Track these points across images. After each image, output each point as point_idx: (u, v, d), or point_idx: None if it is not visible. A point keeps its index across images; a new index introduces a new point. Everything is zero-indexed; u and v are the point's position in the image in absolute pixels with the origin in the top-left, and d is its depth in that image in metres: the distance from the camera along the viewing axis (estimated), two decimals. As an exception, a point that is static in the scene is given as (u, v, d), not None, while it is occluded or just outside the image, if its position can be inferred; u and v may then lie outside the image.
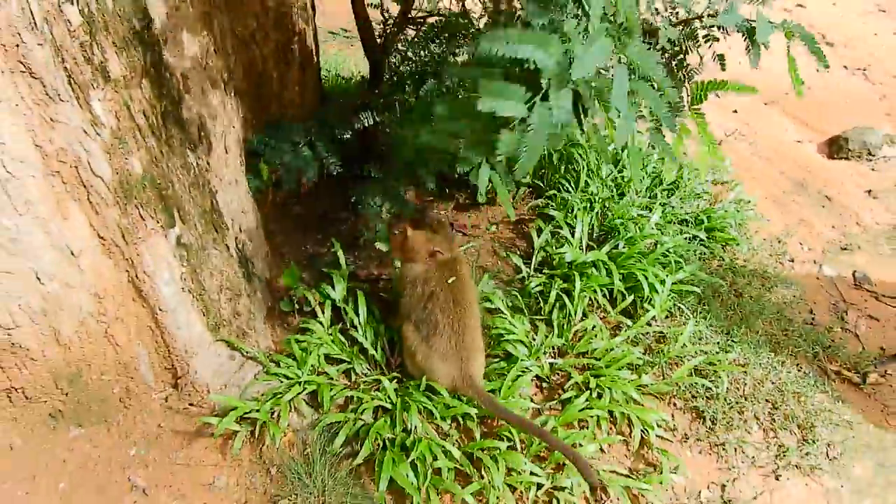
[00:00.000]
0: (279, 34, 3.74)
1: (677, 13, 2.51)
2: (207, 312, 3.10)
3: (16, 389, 2.87)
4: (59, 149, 2.51)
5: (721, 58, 2.64)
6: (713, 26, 2.47)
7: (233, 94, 3.41)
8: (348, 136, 4.09)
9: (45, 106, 2.43)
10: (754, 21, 2.30)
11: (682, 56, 2.66)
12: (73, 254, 2.70)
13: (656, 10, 2.48)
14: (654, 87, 2.26)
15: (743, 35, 2.38)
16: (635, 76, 2.19)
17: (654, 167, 5.02)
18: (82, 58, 2.47)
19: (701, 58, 2.74)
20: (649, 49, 2.15)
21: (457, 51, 4.08)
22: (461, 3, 4.29)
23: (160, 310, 2.94)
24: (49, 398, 2.95)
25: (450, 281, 3.23)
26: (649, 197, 4.73)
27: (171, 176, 2.88)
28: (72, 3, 2.39)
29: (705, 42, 2.56)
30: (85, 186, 2.62)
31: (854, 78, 7.52)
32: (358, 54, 6.28)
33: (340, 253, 3.70)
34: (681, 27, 2.52)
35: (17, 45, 2.31)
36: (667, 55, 2.64)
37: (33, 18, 2.30)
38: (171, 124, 2.91)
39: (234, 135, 3.44)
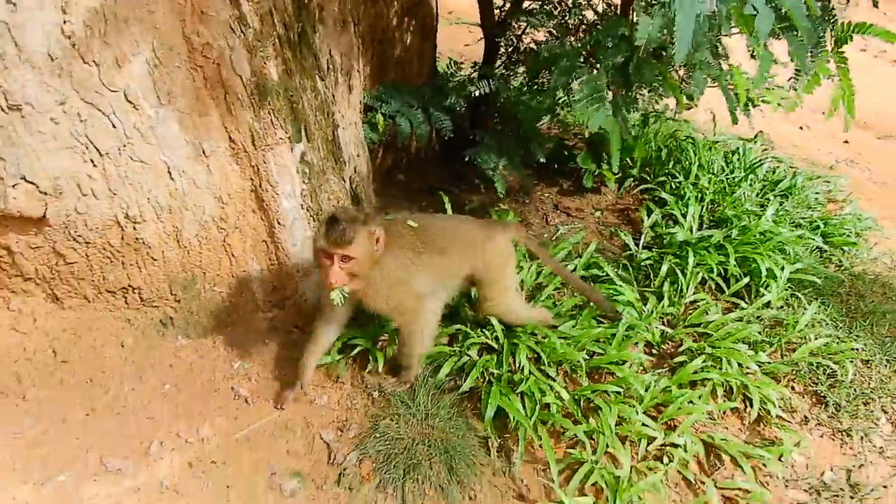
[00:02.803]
0: (405, -1, 3.85)
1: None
2: (322, 235, 3.10)
3: (133, 289, 2.91)
4: (205, 43, 2.60)
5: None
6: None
7: (360, 40, 3.50)
8: (462, 105, 4.14)
9: (197, -3, 2.53)
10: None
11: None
12: (204, 153, 2.76)
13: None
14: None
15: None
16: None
17: (764, 174, 4.87)
18: (236, -45, 2.58)
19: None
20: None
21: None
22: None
23: (278, 223, 2.95)
24: (162, 303, 2.98)
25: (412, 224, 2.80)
26: (761, 198, 4.56)
27: (301, 93, 2.94)
28: None
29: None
30: (224, 85, 2.69)
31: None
32: (469, 40, 6.36)
33: (448, 206, 3.68)
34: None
35: (181, -64, 2.43)
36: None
37: None
38: (305, 46, 2.98)
39: (358, 79, 3.51)
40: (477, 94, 3.91)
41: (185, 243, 2.87)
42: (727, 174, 4.68)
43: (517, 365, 2.94)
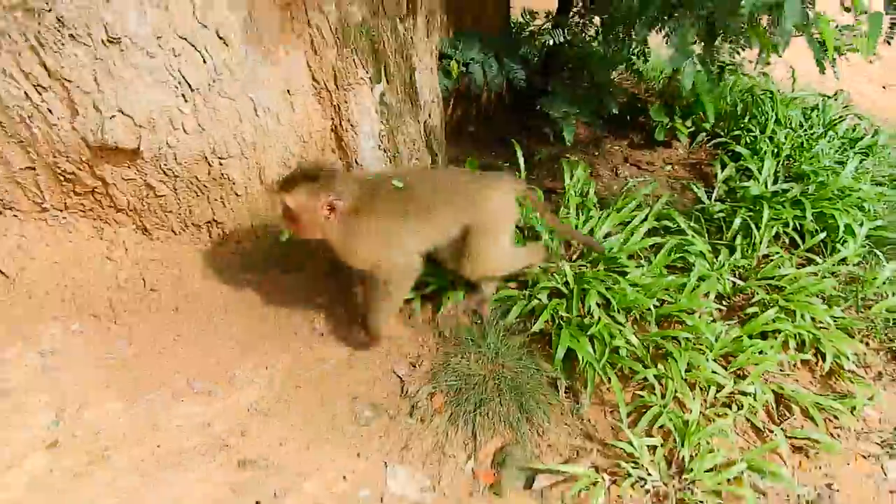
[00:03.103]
0: (482, -58, 3.82)
1: None
2: (398, 177, 3.16)
3: (217, 223, 3.03)
4: (292, -19, 2.65)
5: None
6: None
7: (437, -16, 3.50)
8: (535, 55, 4.11)
9: (286, -65, 2.58)
10: None
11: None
12: (288, 91, 2.83)
13: None
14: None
15: None
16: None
17: (844, 131, 4.71)
18: None
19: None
20: None
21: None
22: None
23: (356, 163, 3.02)
24: (244, 238, 3.09)
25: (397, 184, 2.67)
26: (840, 155, 4.42)
27: (382, 35, 2.97)
28: None
29: None
30: (309, 24, 2.74)
31: None
32: None
33: (520, 154, 3.69)
34: None
35: None
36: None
37: None
38: (386, -12, 3.01)
39: (436, 23, 3.52)
40: (550, 43, 3.88)
41: (266, 180, 2.97)
42: (805, 130, 4.55)
43: (586, 310, 2.96)
